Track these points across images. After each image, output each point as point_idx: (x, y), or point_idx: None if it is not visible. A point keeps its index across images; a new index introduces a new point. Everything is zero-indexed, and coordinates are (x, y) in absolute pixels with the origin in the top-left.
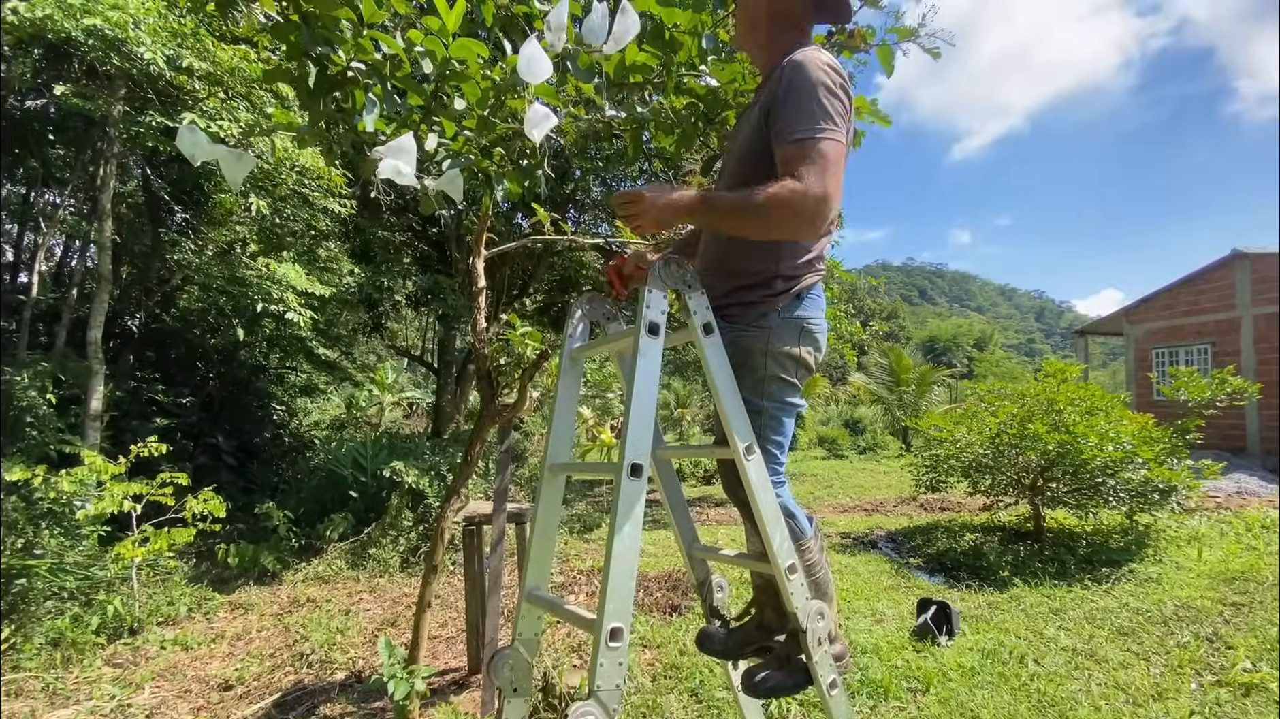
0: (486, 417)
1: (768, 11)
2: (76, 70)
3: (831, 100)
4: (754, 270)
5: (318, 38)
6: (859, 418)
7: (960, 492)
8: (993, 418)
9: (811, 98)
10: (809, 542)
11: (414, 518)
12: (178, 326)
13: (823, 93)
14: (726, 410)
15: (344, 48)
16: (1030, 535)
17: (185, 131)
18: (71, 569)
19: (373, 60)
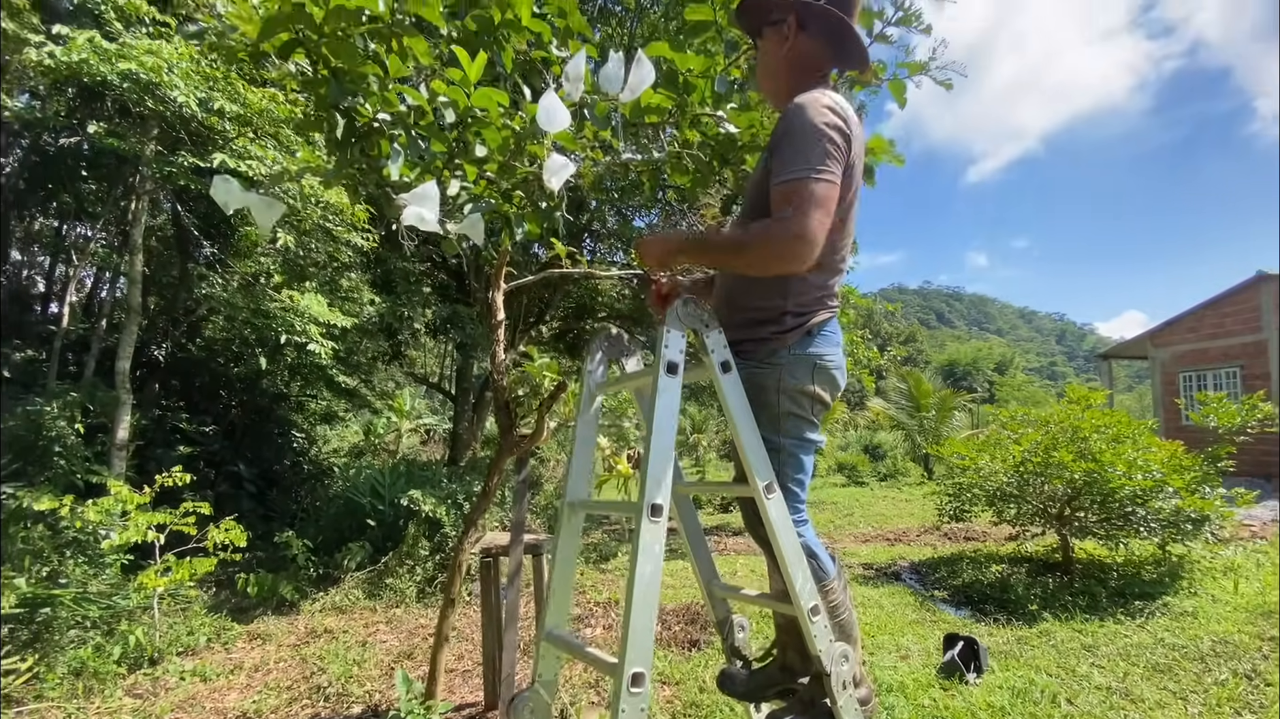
0: (505, 447)
1: (786, 60)
2: (109, 109)
3: (826, 142)
4: (762, 307)
5: (345, 91)
6: (879, 444)
7: (985, 521)
8: (1016, 445)
9: (805, 140)
10: (832, 582)
11: (430, 547)
12: (202, 356)
13: (817, 135)
14: (745, 448)
15: (370, 100)
16: (1059, 567)
17: (219, 182)
18: (95, 599)
19: (398, 111)
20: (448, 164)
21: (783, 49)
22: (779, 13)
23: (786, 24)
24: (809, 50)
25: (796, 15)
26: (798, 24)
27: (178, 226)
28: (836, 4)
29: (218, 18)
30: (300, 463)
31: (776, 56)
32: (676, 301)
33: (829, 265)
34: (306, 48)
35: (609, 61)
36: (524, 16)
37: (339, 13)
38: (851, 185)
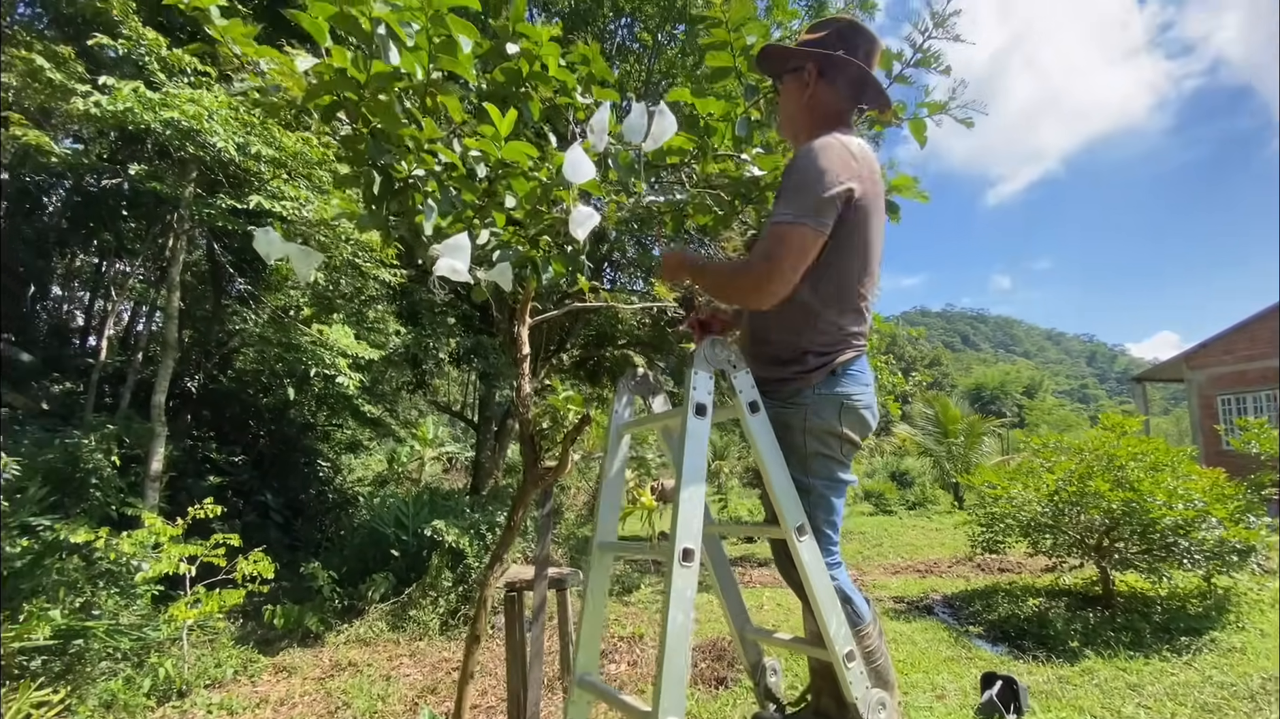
0: (529, 481)
1: (806, 108)
2: (150, 151)
3: (820, 190)
4: (781, 344)
5: (383, 150)
6: (906, 470)
7: (1020, 552)
8: (1049, 474)
9: (799, 186)
10: (868, 627)
11: (453, 578)
12: (233, 387)
13: (812, 183)
14: (776, 489)
15: (406, 159)
16: (1100, 600)
17: (261, 234)
18: (126, 630)
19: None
20: (478, 214)
21: (803, 96)
22: (799, 60)
23: (807, 71)
24: (828, 97)
25: (817, 65)
26: (818, 72)
27: (212, 262)
28: (856, 54)
29: (261, 75)
30: (325, 492)
31: (797, 103)
32: (704, 342)
33: (847, 305)
34: (347, 109)
35: (632, 112)
36: (551, 67)
37: (379, 76)
38: (861, 226)
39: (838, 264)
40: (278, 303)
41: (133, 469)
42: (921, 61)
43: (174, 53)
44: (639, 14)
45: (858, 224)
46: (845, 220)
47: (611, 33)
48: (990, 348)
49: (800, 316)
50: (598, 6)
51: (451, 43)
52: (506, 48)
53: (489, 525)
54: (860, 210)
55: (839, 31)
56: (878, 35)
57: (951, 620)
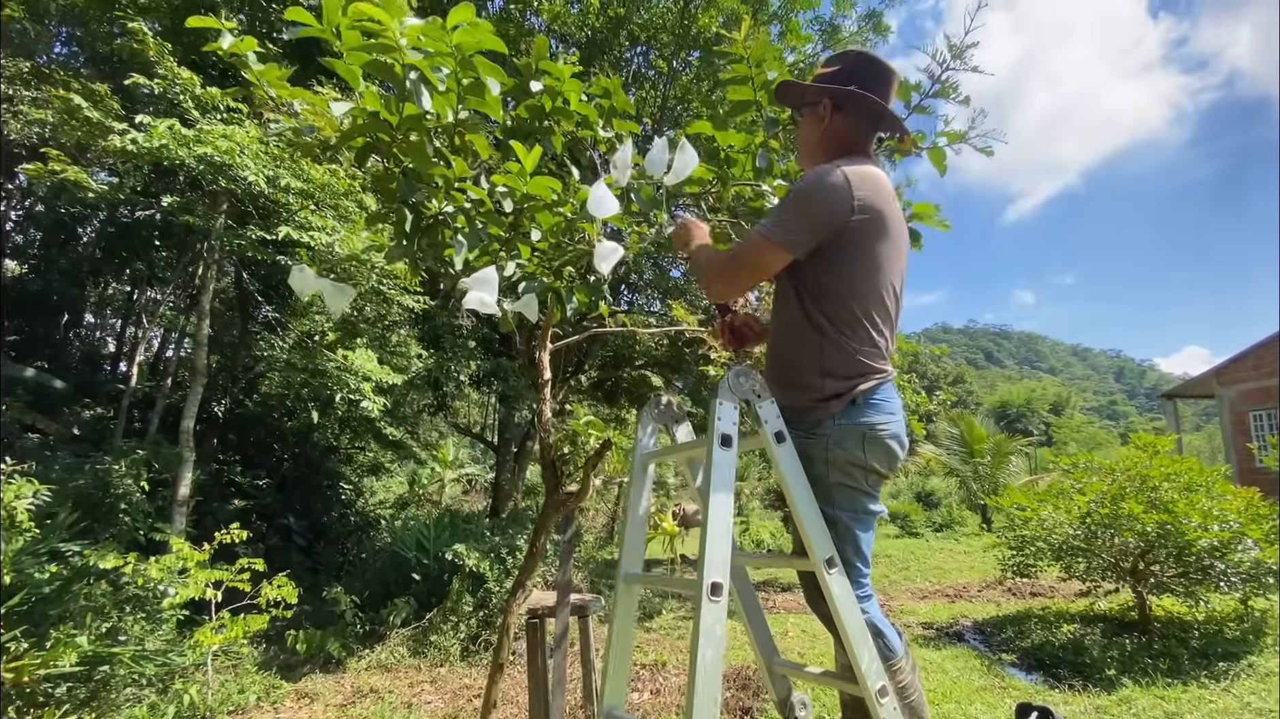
0: (551, 506)
1: (823, 141)
2: (181, 183)
3: (802, 213)
4: (798, 370)
5: (414, 188)
6: (931, 491)
7: (1052, 576)
8: (1080, 495)
9: (782, 205)
10: (900, 661)
11: (474, 603)
12: (258, 411)
13: (797, 204)
14: (804, 521)
15: (436, 196)
16: (1136, 626)
17: (296, 271)
18: (152, 656)
19: (461, 205)
20: (504, 246)
21: (819, 130)
22: (815, 95)
23: (823, 106)
24: (845, 129)
25: (833, 100)
26: (834, 107)
27: (240, 290)
28: (872, 86)
29: (295, 116)
30: (347, 515)
31: (814, 136)
32: (729, 373)
33: (858, 329)
34: (380, 149)
35: (654, 147)
36: (573, 102)
37: (411, 119)
38: (859, 250)
39: (839, 288)
40: (303, 328)
41: (160, 494)
42: (940, 92)
43: (208, 91)
44: (654, 42)
45: (855, 248)
46: (839, 245)
47: (627, 60)
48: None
49: (812, 338)
50: (614, 36)
51: (480, 84)
52: (530, 85)
53: (509, 549)
54: (856, 234)
55: (854, 65)
56: (892, 66)
57: (983, 648)
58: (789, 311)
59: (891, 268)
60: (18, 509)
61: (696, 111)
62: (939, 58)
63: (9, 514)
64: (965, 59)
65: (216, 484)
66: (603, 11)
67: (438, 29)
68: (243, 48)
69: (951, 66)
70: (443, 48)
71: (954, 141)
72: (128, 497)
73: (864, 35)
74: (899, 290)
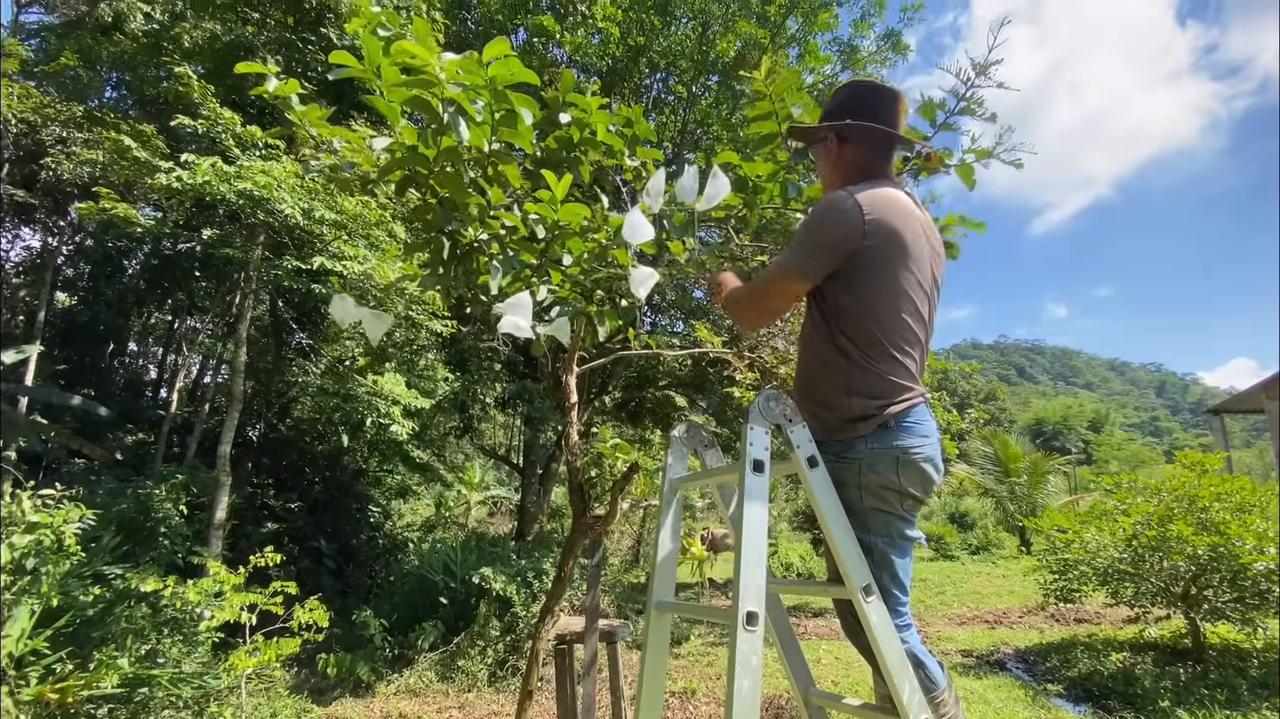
0: (579, 530)
1: (836, 172)
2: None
3: (812, 243)
4: (824, 391)
5: (450, 218)
6: (965, 511)
7: (1098, 601)
8: (1125, 517)
9: (796, 236)
10: (943, 693)
11: (501, 627)
12: (291, 436)
13: (808, 234)
14: (839, 548)
15: (471, 225)
16: (1190, 654)
17: (337, 300)
18: (189, 678)
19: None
20: (536, 272)
21: (831, 162)
22: (822, 133)
23: (830, 140)
24: (855, 158)
25: (836, 133)
26: (839, 139)
27: (274, 317)
28: (873, 113)
29: (334, 153)
30: (376, 537)
31: (829, 168)
32: (760, 397)
33: (882, 351)
34: (418, 182)
35: (685, 174)
36: (600, 133)
37: (448, 151)
38: (874, 272)
39: (858, 310)
40: (334, 354)
41: (197, 517)
42: (965, 109)
43: (248, 130)
44: (673, 68)
45: (871, 270)
46: (855, 268)
47: (647, 87)
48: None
49: (837, 361)
50: (634, 64)
51: (513, 116)
52: (559, 117)
53: (535, 572)
54: (871, 256)
55: (854, 95)
56: (893, 87)
57: (1026, 677)
58: (813, 335)
59: (914, 288)
60: (66, 533)
61: (716, 134)
62: (963, 75)
63: (58, 538)
64: (989, 75)
65: (250, 507)
66: (623, 41)
67: (474, 63)
68: (286, 90)
69: (975, 84)
70: (478, 81)
71: (982, 158)
72: (167, 520)
73: (883, 55)
74: (927, 310)
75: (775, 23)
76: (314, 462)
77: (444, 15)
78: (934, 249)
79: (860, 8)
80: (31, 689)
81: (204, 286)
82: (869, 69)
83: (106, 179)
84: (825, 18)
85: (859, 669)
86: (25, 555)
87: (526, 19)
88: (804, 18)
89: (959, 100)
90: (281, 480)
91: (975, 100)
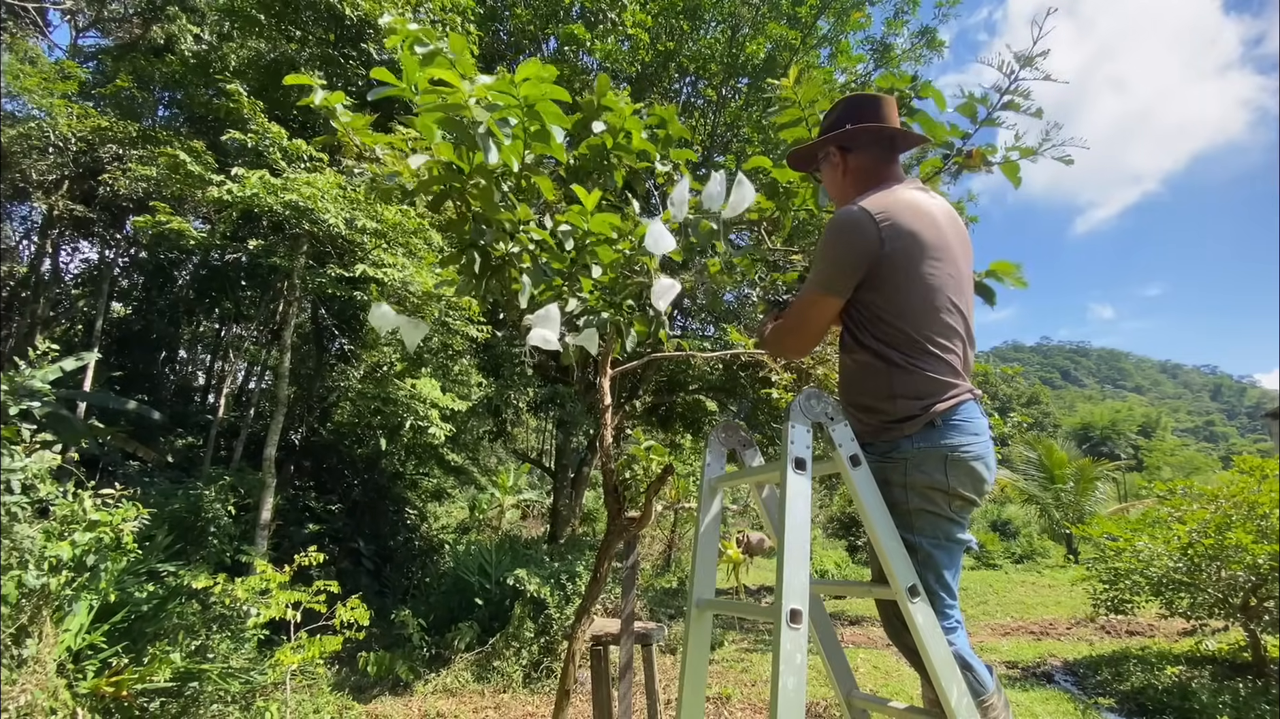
0: (614, 532)
1: (846, 182)
2: (265, 227)
3: (833, 261)
4: (869, 393)
5: (482, 231)
6: (1008, 519)
7: (1151, 613)
8: (1180, 524)
9: (817, 256)
10: (992, 697)
11: (535, 629)
12: (331, 439)
13: (827, 254)
14: (884, 548)
15: (502, 240)
16: (1249, 668)
17: (376, 308)
18: (237, 673)
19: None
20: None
21: (839, 175)
22: (822, 149)
23: (832, 154)
24: (862, 164)
25: (837, 144)
26: (841, 150)
27: (316, 324)
28: (871, 117)
29: (377, 162)
30: (412, 539)
31: (837, 181)
32: (801, 395)
33: (920, 352)
34: (452, 196)
35: (711, 181)
36: (635, 139)
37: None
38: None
39: (893, 315)
40: (373, 359)
41: (243, 518)
42: (1009, 105)
43: (294, 143)
44: (703, 72)
45: (898, 273)
46: (881, 274)
47: (677, 91)
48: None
49: (878, 368)
50: (664, 69)
51: (544, 131)
52: (593, 126)
53: (568, 575)
54: (895, 260)
55: (848, 106)
56: (880, 94)
57: (1076, 690)
58: (852, 342)
59: (946, 282)
60: (124, 532)
61: (747, 136)
62: (1005, 68)
63: (115, 536)
64: (1035, 66)
65: (293, 509)
66: (652, 46)
67: (506, 83)
68: (332, 100)
69: (1020, 77)
70: (510, 100)
71: (1027, 156)
72: (216, 520)
73: (917, 52)
74: (961, 303)
75: (806, 24)
76: (353, 465)
77: (477, 28)
78: (958, 234)
79: (893, 5)
80: (88, 682)
81: (249, 295)
82: (903, 67)
83: (160, 194)
84: (857, 17)
85: (898, 678)
86: (86, 552)
87: (557, 28)
88: (836, 17)
89: (1001, 95)
90: (322, 483)
91: (1021, 92)
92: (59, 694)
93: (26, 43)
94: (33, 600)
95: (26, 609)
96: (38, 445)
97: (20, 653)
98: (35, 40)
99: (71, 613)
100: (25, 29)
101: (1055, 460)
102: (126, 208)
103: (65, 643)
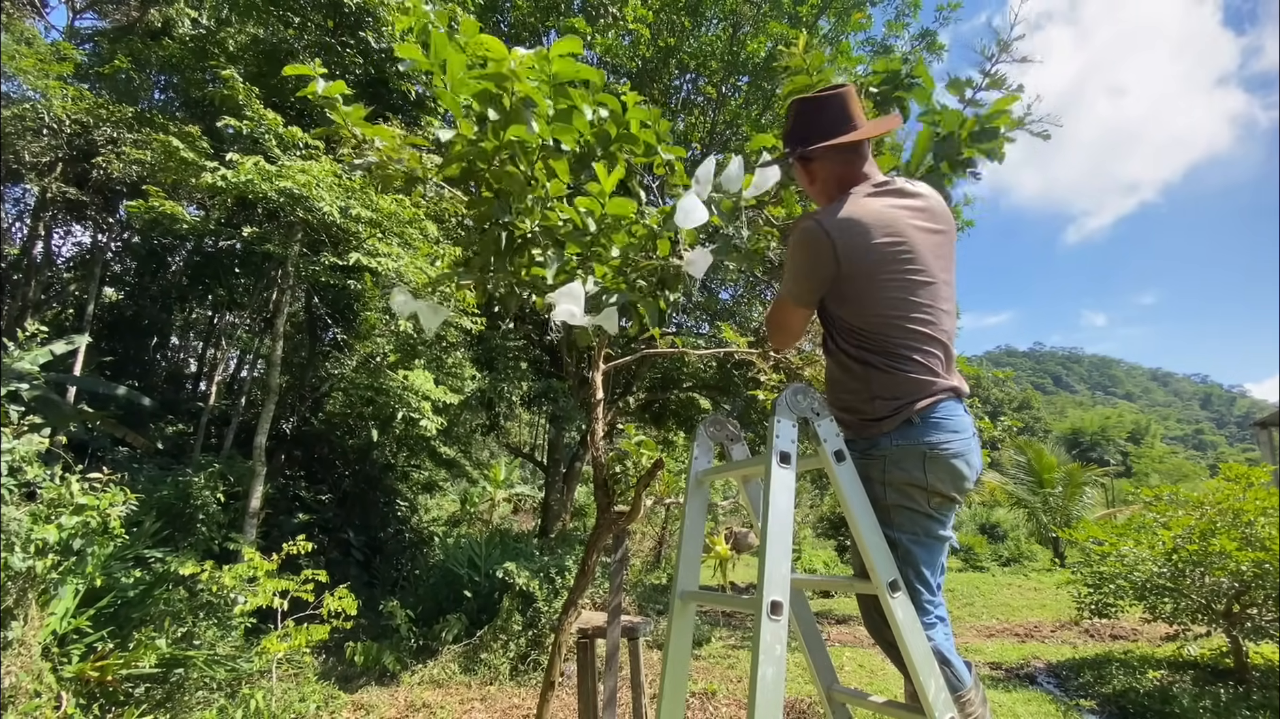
0: (602, 525)
1: (817, 190)
2: (260, 214)
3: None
4: (850, 394)
5: (505, 209)
6: (996, 522)
7: (1135, 617)
8: (1165, 530)
9: (785, 267)
10: (969, 693)
11: (523, 622)
12: (323, 429)
13: (790, 264)
14: (865, 543)
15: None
16: (1231, 674)
17: (396, 293)
18: (223, 661)
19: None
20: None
21: (807, 183)
22: (786, 164)
23: (795, 166)
24: (827, 173)
25: (797, 160)
26: (802, 160)
27: (309, 313)
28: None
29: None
30: (403, 531)
31: (808, 188)
32: (787, 390)
33: (897, 355)
34: (476, 176)
35: (731, 163)
36: (634, 128)
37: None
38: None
39: (862, 324)
40: (366, 349)
41: (232, 506)
42: (992, 83)
43: (289, 130)
44: (703, 69)
45: (862, 283)
46: (845, 286)
47: (676, 88)
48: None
49: (857, 371)
50: (663, 65)
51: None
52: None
53: (558, 569)
54: (854, 279)
55: (800, 115)
56: (831, 91)
57: (1058, 692)
58: (832, 347)
59: (915, 286)
60: (111, 516)
61: (746, 134)
62: (987, 52)
63: (103, 521)
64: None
65: (283, 498)
66: (653, 42)
67: (542, 58)
68: (332, 91)
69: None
70: (542, 77)
71: (1011, 127)
72: (205, 507)
73: (917, 54)
74: (938, 298)
75: (807, 23)
76: (344, 455)
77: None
78: (928, 229)
79: (894, 7)
80: (73, 666)
81: (243, 283)
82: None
83: (154, 178)
84: (858, 18)
85: (883, 677)
86: (72, 536)
87: (558, 21)
88: (836, 18)
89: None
90: (313, 473)
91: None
92: (43, 677)
93: (23, 23)
94: (18, 583)
95: (12, 592)
96: (25, 428)
97: (5, 635)
98: (32, 21)
99: (57, 597)
100: (22, 9)
101: (1044, 465)
102: (120, 191)
103: (51, 626)
